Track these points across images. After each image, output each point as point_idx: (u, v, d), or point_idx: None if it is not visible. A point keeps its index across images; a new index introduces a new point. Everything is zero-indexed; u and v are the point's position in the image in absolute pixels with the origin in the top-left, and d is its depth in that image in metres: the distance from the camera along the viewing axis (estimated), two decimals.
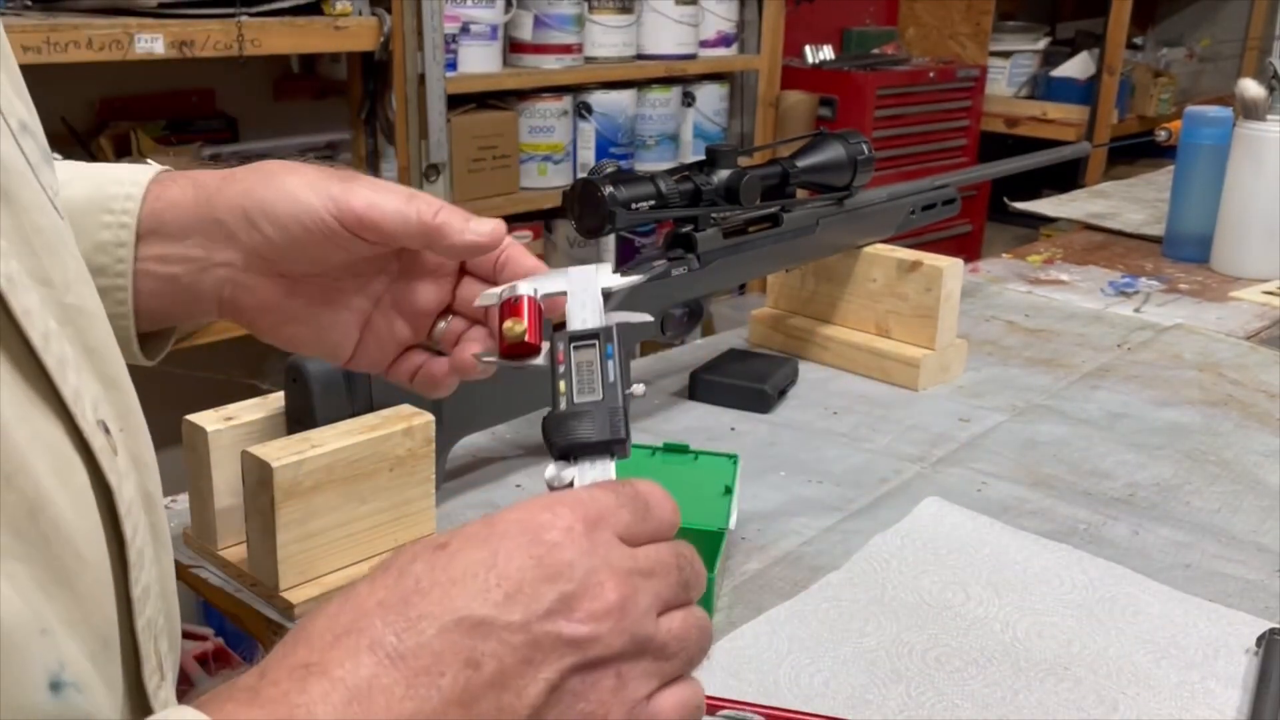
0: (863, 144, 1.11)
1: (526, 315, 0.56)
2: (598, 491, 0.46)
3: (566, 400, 0.52)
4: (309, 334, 0.62)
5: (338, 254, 0.58)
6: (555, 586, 0.42)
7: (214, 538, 0.81)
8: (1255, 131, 1.51)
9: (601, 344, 0.54)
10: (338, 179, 0.58)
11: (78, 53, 1.56)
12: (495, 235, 0.59)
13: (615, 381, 0.53)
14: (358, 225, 0.57)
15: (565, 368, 0.53)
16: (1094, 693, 0.70)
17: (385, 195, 0.57)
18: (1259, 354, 1.29)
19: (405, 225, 0.57)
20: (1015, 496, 0.95)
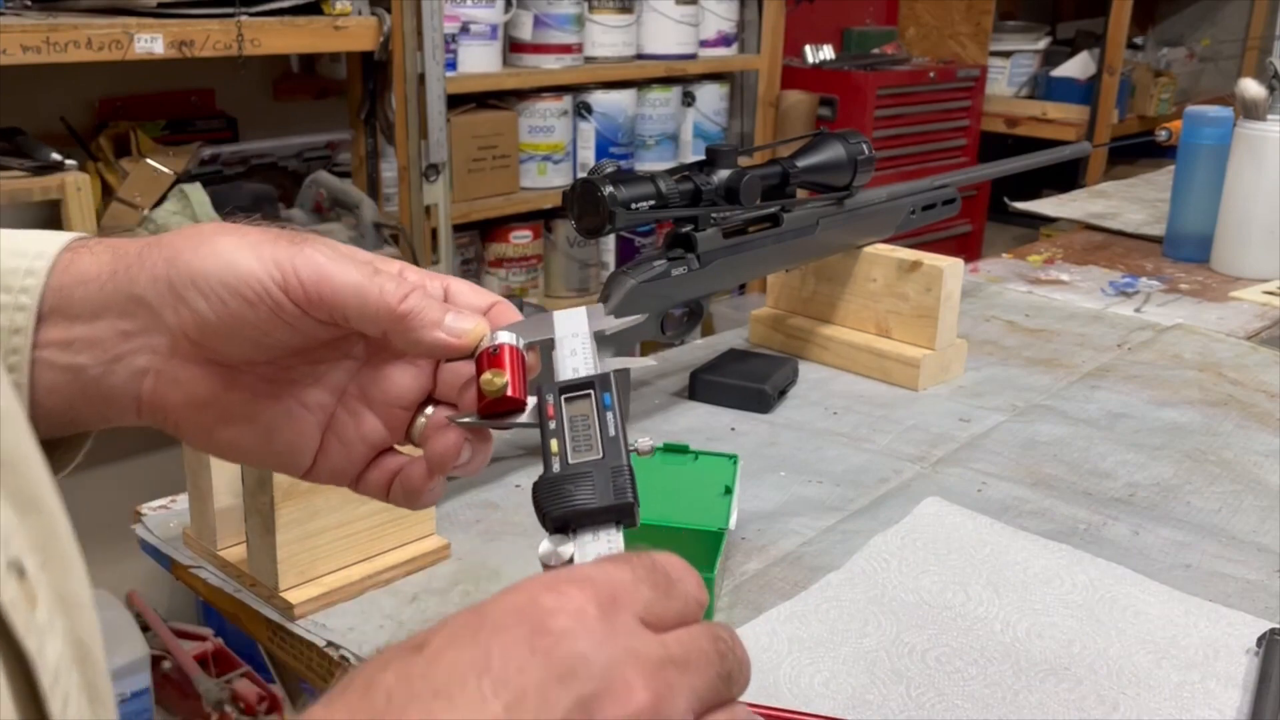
0: (863, 144, 1.11)
1: (508, 366, 0.48)
2: (609, 566, 0.38)
3: (560, 460, 0.45)
4: (254, 437, 0.51)
5: (285, 334, 0.47)
6: (570, 689, 0.34)
7: (213, 538, 0.81)
8: (1255, 131, 1.51)
9: (598, 393, 0.47)
10: (286, 241, 0.47)
11: (77, 53, 1.56)
12: (474, 336, 0.48)
13: (617, 435, 0.46)
14: (307, 301, 0.46)
15: (556, 423, 0.47)
16: (1094, 693, 0.70)
17: (343, 265, 0.47)
18: (1259, 354, 1.29)
19: (363, 307, 0.47)
20: (1015, 497, 0.95)
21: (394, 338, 0.48)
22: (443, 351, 0.48)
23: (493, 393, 0.47)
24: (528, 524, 0.89)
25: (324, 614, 0.76)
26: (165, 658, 2.05)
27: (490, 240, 2.54)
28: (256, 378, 0.50)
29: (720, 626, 0.39)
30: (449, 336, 0.48)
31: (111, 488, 2.15)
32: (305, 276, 0.46)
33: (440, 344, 0.48)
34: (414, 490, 0.52)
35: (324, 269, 0.46)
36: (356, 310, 0.47)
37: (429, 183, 2.05)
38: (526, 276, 2.58)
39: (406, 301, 0.47)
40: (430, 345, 0.48)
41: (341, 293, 0.46)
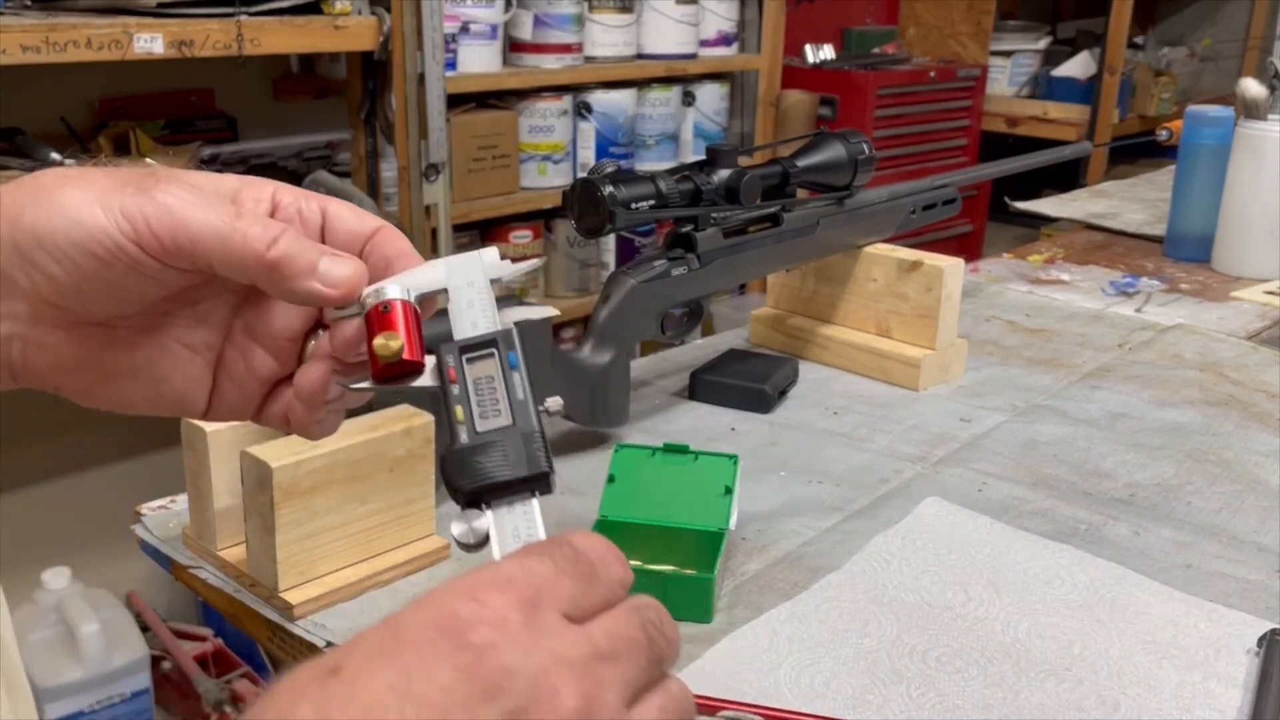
0: (863, 144, 1.11)
1: (402, 326, 0.44)
2: (529, 561, 0.36)
3: (467, 429, 0.42)
4: (140, 389, 0.48)
5: (149, 287, 0.44)
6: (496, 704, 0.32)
7: (213, 538, 0.81)
8: (1256, 131, 1.51)
9: (502, 351, 0.44)
10: (134, 187, 0.43)
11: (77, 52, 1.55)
12: (352, 285, 0.45)
13: (525, 398, 0.43)
14: (163, 253, 0.42)
15: (460, 387, 0.43)
16: (1095, 693, 0.70)
17: (201, 209, 0.43)
18: (1260, 354, 1.29)
19: (226, 255, 0.43)
20: (1016, 497, 0.95)
21: (264, 287, 0.45)
22: (318, 302, 0.45)
23: (388, 357, 0.44)
24: None
25: (324, 614, 0.76)
26: (165, 658, 2.05)
27: (490, 240, 2.54)
28: (131, 329, 0.47)
29: (647, 606, 0.38)
30: (324, 287, 0.44)
31: (111, 488, 2.15)
32: (158, 226, 0.42)
33: (315, 294, 0.44)
34: (300, 423, 0.49)
35: (179, 215, 0.42)
36: (220, 259, 0.43)
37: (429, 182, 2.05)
38: (526, 276, 2.58)
39: (275, 247, 0.43)
40: (304, 296, 0.44)
41: (201, 240, 0.42)
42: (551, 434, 1.02)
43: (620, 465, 0.83)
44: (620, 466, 0.83)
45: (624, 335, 0.99)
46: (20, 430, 2.04)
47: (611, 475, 0.82)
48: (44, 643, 1.87)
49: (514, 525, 0.41)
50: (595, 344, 0.98)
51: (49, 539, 2.10)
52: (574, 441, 1.02)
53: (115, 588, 2.06)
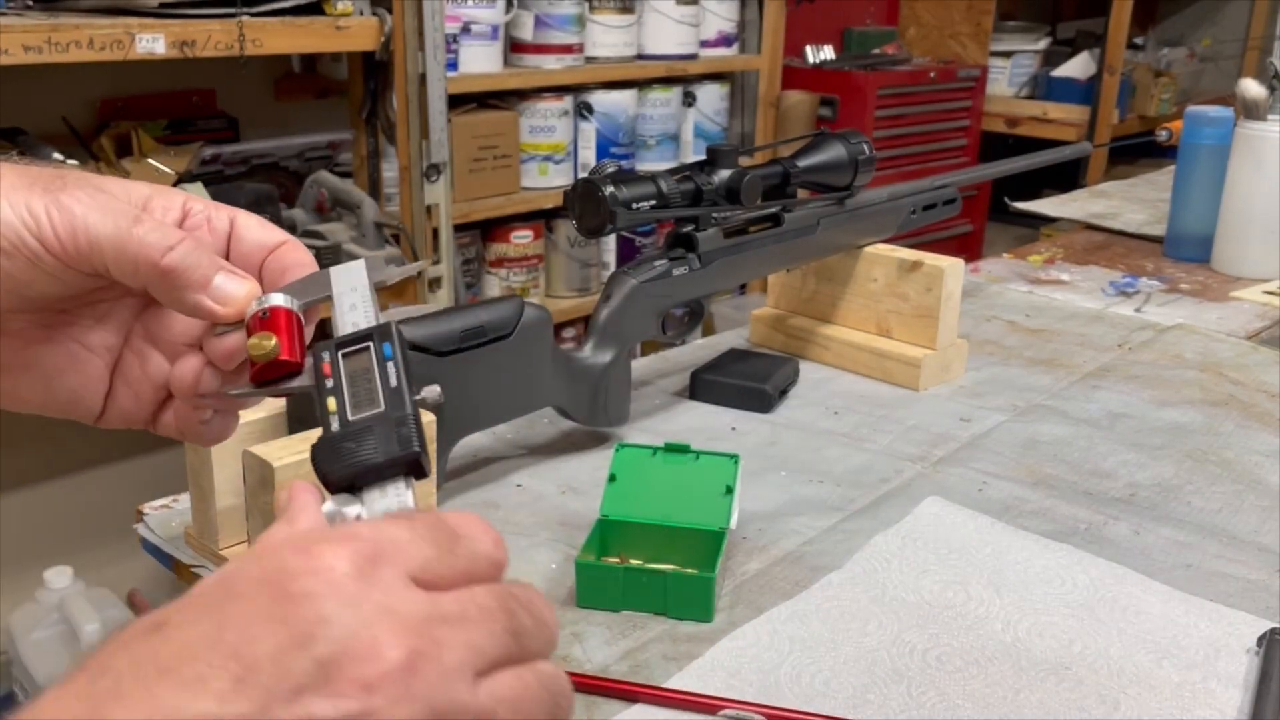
0: (864, 144, 1.11)
1: (281, 328, 0.45)
2: (385, 524, 0.36)
3: (339, 419, 0.42)
4: (34, 386, 0.48)
5: (50, 285, 0.44)
6: (307, 652, 0.31)
7: (215, 537, 0.81)
8: (1256, 131, 1.51)
9: (378, 344, 0.44)
10: (41, 187, 0.43)
11: (79, 53, 1.56)
12: (242, 304, 0.45)
13: (400, 386, 0.43)
14: (64, 253, 0.43)
15: (334, 380, 0.43)
16: (1095, 693, 0.70)
17: (103, 214, 0.43)
18: (1260, 354, 1.29)
19: (120, 260, 0.43)
20: (1016, 496, 0.95)
21: (157, 295, 0.45)
22: (207, 316, 0.45)
23: (261, 357, 0.44)
24: (528, 523, 0.89)
25: None
26: None
27: (491, 240, 2.54)
28: (28, 323, 0.47)
29: (517, 585, 0.37)
30: (214, 303, 0.44)
31: (113, 487, 2.15)
32: (60, 226, 0.43)
33: (204, 308, 0.44)
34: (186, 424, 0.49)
35: (80, 218, 0.43)
36: (115, 262, 0.43)
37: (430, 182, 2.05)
38: (527, 276, 2.58)
39: (171, 255, 0.43)
40: (193, 308, 0.44)
41: (98, 243, 0.43)
42: (553, 433, 1.03)
43: (621, 465, 0.83)
44: (621, 466, 0.83)
45: (625, 335, 0.99)
46: (22, 430, 2.04)
47: (612, 475, 0.83)
48: (46, 642, 1.87)
49: (386, 507, 0.40)
50: (596, 343, 0.98)
51: (51, 538, 2.10)
52: (575, 441, 1.02)
53: (117, 587, 2.07)
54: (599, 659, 0.73)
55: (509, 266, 2.55)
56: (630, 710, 0.68)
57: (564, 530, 0.88)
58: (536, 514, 0.90)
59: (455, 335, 0.87)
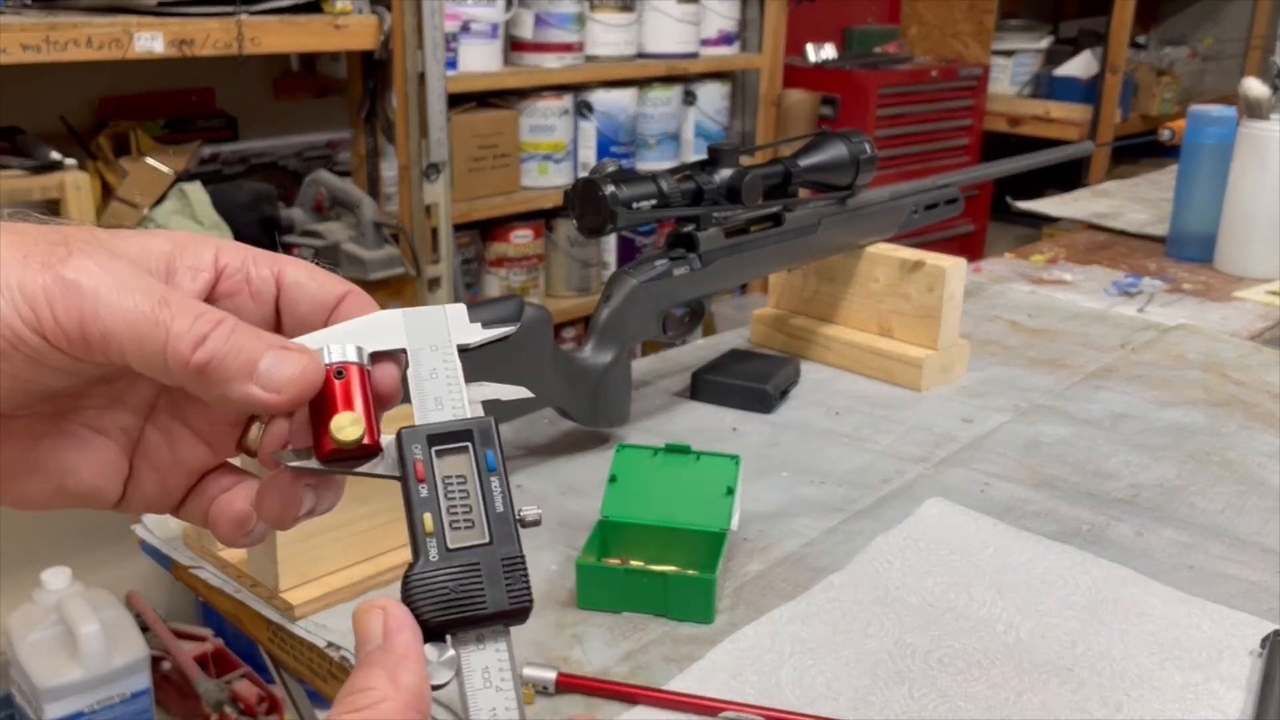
0: (865, 143, 1.11)
1: (359, 401, 0.37)
2: None
3: (437, 544, 0.36)
4: (44, 486, 0.40)
5: (57, 379, 0.36)
6: None
7: (214, 538, 0.81)
8: (1259, 131, 1.51)
9: (478, 447, 0.37)
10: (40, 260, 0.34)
11: (77, 51, 1.55)
12: (299, 389, 0.36)
13: (506, 511, 0.36)
14: (70, 345, 0.35)
15: (428, 488, 0.36)
16: (1097, 694, 0.69)
17: (119, 291, 0.34)
18: (1263, 354, 1.29)
19: (144, 352, 0.35)
20: (1018, 497, 0.95)
21: (192, 391, 0.36)
22: (257, 409, 0.37)
23: (345, 444, 0.36)
24: None
25: (324, 614, 0.76)
26: (165, 658, 2.05)
27: (491, 240, 2.54)
28: (34, 418, 0.39)
29: None
30: (264, 391, 0.36)
31: None
32: (65, 315, 0.34)
33: (252, 400, 0.36)
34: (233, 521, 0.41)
35: (89, 301, 0.34)
36: (136, 357, 0.35)
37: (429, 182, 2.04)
38: (527, 276, 2.57)
39: (204, 347, 0.35)
40: (240, 403, 0.36)
41: (115, 335, 0.34)
42: (554, 434, 1.02)
43: (622, 465, 0.83)
44: (622, 466, 0.83)
45: (625, 335, 0.99)
46: None
47: (613, 475, 0.82)
48: (44, 643, 1.87)
49: (484, 664, 0.35)
50: (596, 343, 0.98)
51: (49, 539, 2.09)
52: (575, 441, 1.02)
53: (115, 588, 2.06)
54: (599, 661, 0.72)
55: (509, 266, 2.55)
56: (631, 712, 0.68)
57: (564, 531, 0.87)
58: None
59: None
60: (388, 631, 0.34)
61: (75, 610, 1.85)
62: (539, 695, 0.69)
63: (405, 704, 0.33)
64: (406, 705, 0.33)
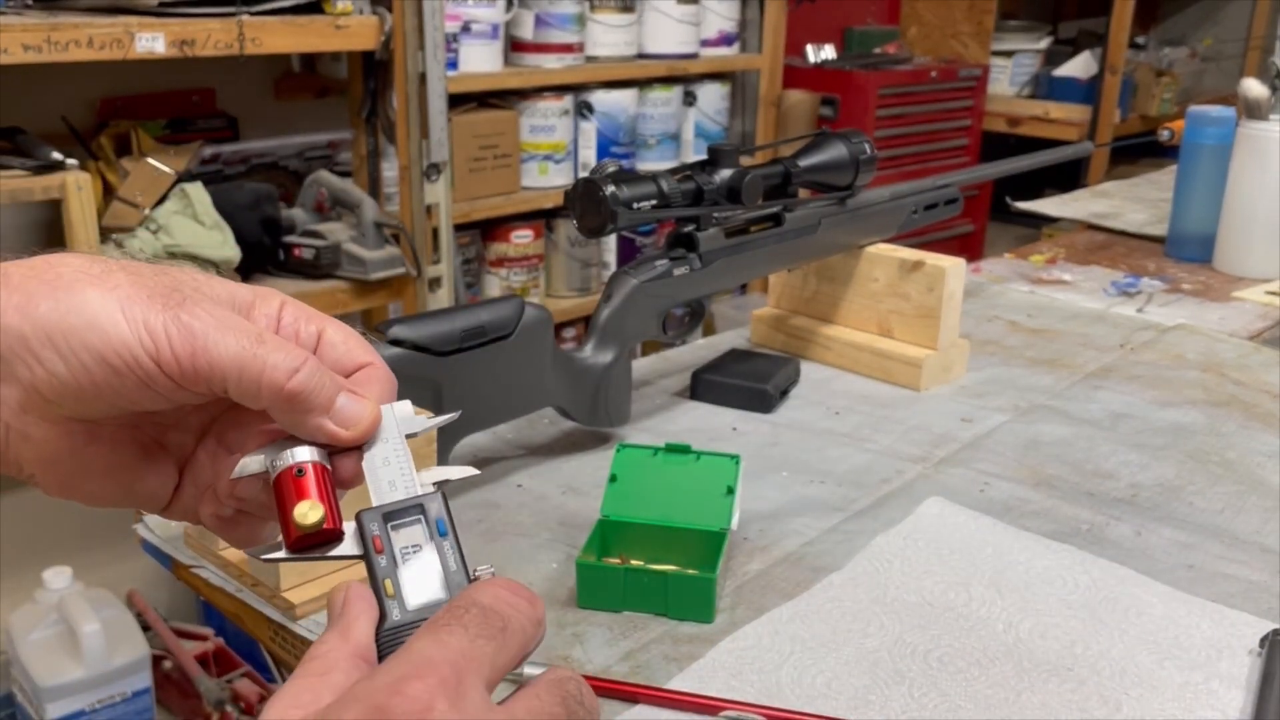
0: (865, 143, 1.11)
1: (315, 491, 0.42)
2: (441, 634, 0.37)
3: (399, 605, 0.40)
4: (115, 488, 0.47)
5: (153, 402, 0.43)
6: None
7: (215, 537, 0.81)
8: (1258, 131, 1.51)
9: (429, 518, 0.42)
10: (161, 299, 0.42)
11: (78, 52, 1.56)
12: (365, 428, 0.44)
13: (458, 568, 0.41)
14: (181, 374, 0.42)
15: (386, 558, 0.41)
16: (1097, 693, 0.70)
17: (223, 333, 0.42)
18: (1262, 354, 1.29)
19: (242, 383, 0.42)
20: (1018, 497, 0.95)
21: (276, 416, 0.44)
22: (329, 440, 0.44)
23: (308, 528, 0.42)
24: (529, 524, 0.89)
25: (325, 614, 0.76)
26: (166, 657, 2.05)
27: (491, 240, 2.54)
28: (118, 428, 0.46)
29: (567, 679, 0.39)
30: (337, 427, 0.43)
31: None
32: (180, 347, 0.41)
33: (326, 432, 0.43)
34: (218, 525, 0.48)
35: (200, 338, 0.41)
36: (236, 384, 0.42)
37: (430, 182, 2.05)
38: (528, 276, 2.58)
39: (296, 379, 0.42)
40: (314, 432, 0.43)
41: (220, 365, 0.42)
42: (554, 433, 1.03)
43: (622, 465, 0.83)
44: (622, 466, 0.83)
45: (625, 335, 0.99)
46: None
47: (613, 475, 0.82)
48: (45, 642, 1.87)
49: None
50: (597, 343, 0.98)
51: (50, 538, 2.10)
52: (576, 441, 1.02)
53: (116, 587, 2.07)
54: (600, 660, 0.73)
55: (509, 266, 2.55)
56: (631, 711, 0.68)
57: (565, 530, 0.87)
58: (537, 514, 0.90)
59: (456, 335, 0.86)
60: (346, 602, 0.40)
61: (76, 609, 1.86)
62: None
63: (351, 653, 0.38)
64: (352, 654, 0.38)
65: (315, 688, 0.36)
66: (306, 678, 0.37)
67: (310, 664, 0.37)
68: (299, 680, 0.37)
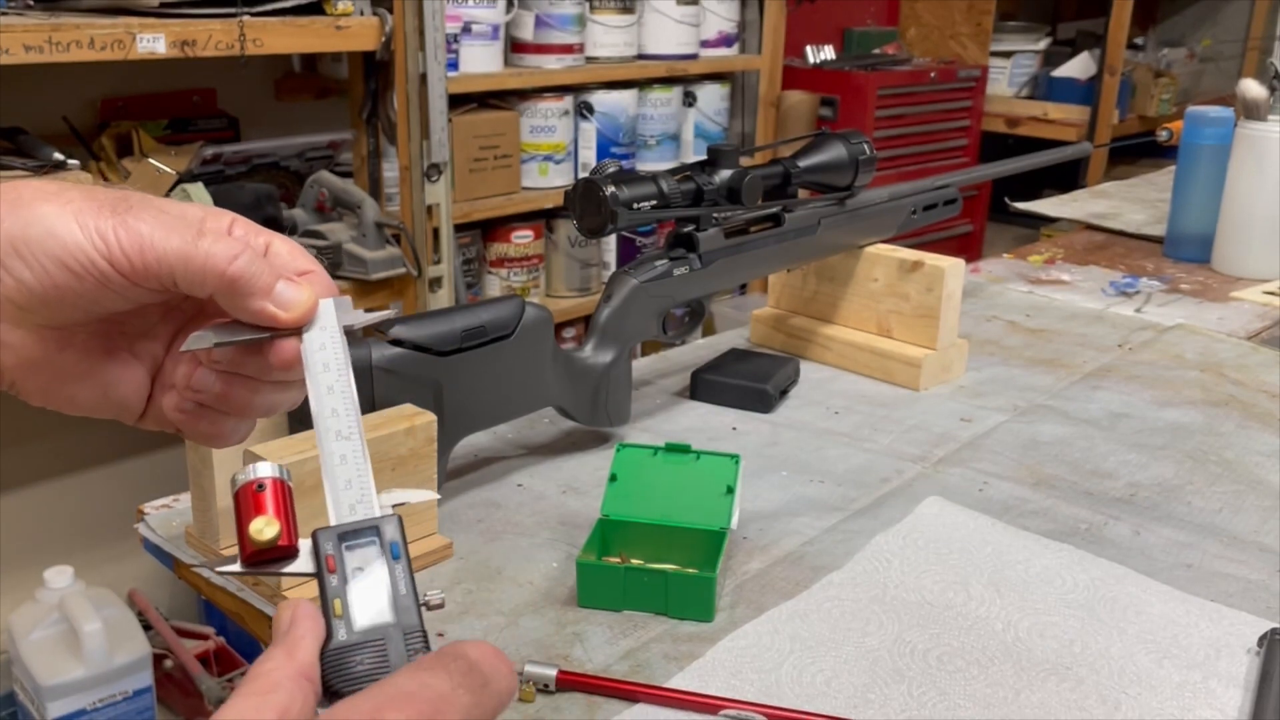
0: (864, 144, 1.11)
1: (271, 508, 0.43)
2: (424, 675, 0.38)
3: (345, 625, 0.40)
4: (91, 393, 0.51)
5: (113, 302, 0.47)
6: None
7: (216, 537, 0.81)
8: (1256, 132, 1.51)
9: (384, 540, 0.42)
10: (109, 207, 0.46)
11: (79, 52, 1.56)
12: (303, 310, 0.47)
13: (410, 593, 0.41)
14: (132, 271, 0.46)
15: (338, 578, 0.41)
16: (1096, 692, 0.70)
17: (167, 231, 0.46)
18: (1260, 354, 1.29)
19: (188, 271, 0.46)
20: (1017, 496, 0.95)
21: (221, 301, 0.47)
22: (268, 322, 0.47)
23: (263, 544, 0.42)
24: (529, 523, 0.89)
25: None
26: (167, 656, 2.05)
27: (491, 240, 2.54)
28: (89, 335, 0.50)
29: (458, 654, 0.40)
30: (277, 308, 0.47)
31: (114, 487, 2.15)
32: (129, 246, 0.45)
33: (266, 315, 0.47)
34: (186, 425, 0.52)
35: (147, 237, 0.46)
36: (183, 275, 0.46)
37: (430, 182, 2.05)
38: (528, 276, 2.58)
39: (235, 263, 0.46)
40: (257, 314, 0.47)
41: (166, 259, 0.46)
42: (554, 433, 1.03)
43: (622, 464, 0.83)
44: (622, 466, 0.83)
45: (625, 335, 0.99)
46: (23, 429, 2.04)
47: (613, 474, 0.83)
48: (46, 641, 1.87)
49: None
50: (597, 343, 0.98)
51: (51, 538, 2.10)
52: (576, 441, 1.02)
53: (117, 586, 2.07)
54: (600, 659, 0.73)
55: (509, 266, 2.55)
56: (631, 710, 0.68)
57: (565, 530, 0.88)
58: (537, 514, 0.90)
59: (456, 335, 0.87)
60: (293, 620, 0.41)
61: (77, 608, 1.86)
62: (539, 693, 0.69)
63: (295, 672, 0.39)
64: (296, 674, 0.39)
65: (258, 706, 0.37)
66: (250, 696, 0.38)
67: (254, 682, 0.38)
68: (242, 699, 0.38)
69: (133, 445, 2.15)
